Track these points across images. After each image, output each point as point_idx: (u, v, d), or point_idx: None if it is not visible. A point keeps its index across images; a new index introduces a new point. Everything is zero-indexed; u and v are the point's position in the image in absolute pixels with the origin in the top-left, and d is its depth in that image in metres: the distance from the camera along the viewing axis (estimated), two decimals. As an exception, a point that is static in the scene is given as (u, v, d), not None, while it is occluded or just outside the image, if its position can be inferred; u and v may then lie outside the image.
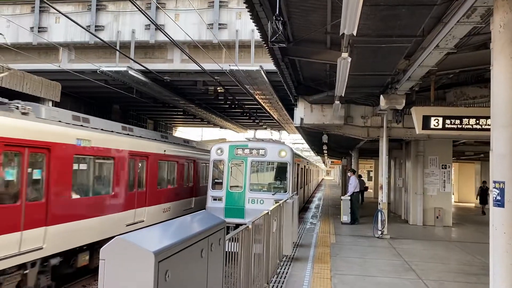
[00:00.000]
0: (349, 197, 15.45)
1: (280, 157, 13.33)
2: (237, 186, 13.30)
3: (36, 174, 8.51)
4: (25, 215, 7.94)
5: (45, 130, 8.67)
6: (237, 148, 13.57)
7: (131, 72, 15.29)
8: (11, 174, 7.90)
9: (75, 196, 9.64)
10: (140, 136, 13.22)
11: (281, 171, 13.57)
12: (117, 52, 15.24)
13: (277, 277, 7.78)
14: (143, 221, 12.64)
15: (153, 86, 17.74)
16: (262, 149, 13.40)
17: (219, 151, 13.64)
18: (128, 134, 12.42)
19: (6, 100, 8.62)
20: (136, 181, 12.47)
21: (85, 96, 23.09)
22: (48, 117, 9.13)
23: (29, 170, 8.22)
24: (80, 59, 16.24)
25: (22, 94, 11.88)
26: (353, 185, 15.87)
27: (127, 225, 11.83)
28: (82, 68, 16.30)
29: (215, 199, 13.17)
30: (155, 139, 14.46)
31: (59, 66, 15.57)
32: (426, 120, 9.90)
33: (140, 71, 15.76)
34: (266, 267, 6.67)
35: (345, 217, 15.29)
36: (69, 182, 9.40)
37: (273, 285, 7.25)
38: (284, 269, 8.44)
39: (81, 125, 10.19)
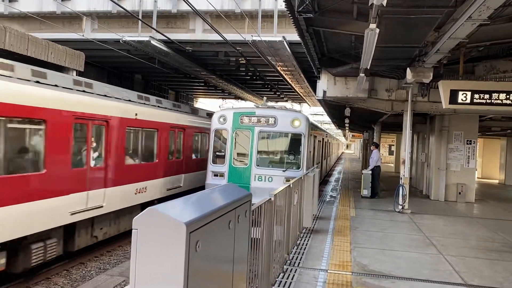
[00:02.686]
0: (370, 171, 15.34)
1: (293, 127, 11.70)
2: (242, 161, 11.84)
3: (98, 143, 9.79)
4: (89, 178, 9.30)
5: (103, 105, 9.88)
6: (243, 116, 11.89)
7: (153, 42, 15.26)
8: (79, 143, 9.12)
9: (127, 162, 10.98)
10: (177, 110, 14.45)
11: (294, 143, 11.95)
12: (140, 22, 15.18)
13: (297, 248, 7.87)
14: (181, 186, 13.93)
15: (175, 57, 17.70)
16: (272, 117, 11.74)
17: (221, 119, 12.02)
18: (166, 108, 13.55)
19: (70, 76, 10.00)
20: (175, 150, 13.69)
21: (108, 66, 23.23)
22: (103, 92, 10.26)
23: (92, 139, 9.47)
24: (103, 29, 16.26)
25: (47, 63, 12.01)
26: (374, 159, 15.73)
27: (167, 189, 13.13)
28: (105, 37, 16.34)
29: (216, 175, 11.76)
30: (187, 112, 15.25)
31: (83, 35, 15.63)
32: (453, 94, 9.64)
33: (162, 41, 15.71)
34: (286, 238, 6.74)
35: (366, 191, 15.22)
36: (123, 150, 10.71)
37: (293, 256, 7.34)
38: (304, 241, 8.52)
39: (129, 100, 11.34)
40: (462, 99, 9.63)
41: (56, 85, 8.64)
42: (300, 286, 5.95)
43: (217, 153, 12.09)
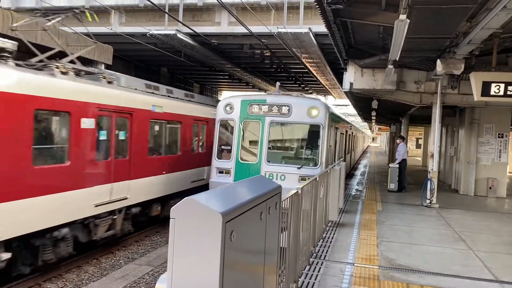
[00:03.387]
0: (397, 165, 15.12)
1: (311, 117, 10.28)
2: (251, 156, 10.60)
3: (122, 135, 10.01)
4: (114, 170, 9.54)
5: (128, 97, 10.03)
6: (252, 104, 10.54)
7: (179, 35, 15.38)
8: (103, 135, 9.32)
9: (150, 155, 11.21)
10: (201, 103, 14.53)
11: (311, 136, 10.59)
12: (166, 15, 15.32)
13: (323, 241, 7.86)
14: (204, 179, 14.06)
15: (201, 50, 17.80)
16: (285, 105, 10.36)
17: (227, 108, 10.72)
18: (190, 100, 13.71)
19: (95, 70, 10.17)
20: (198, 143, 13.99)
21: (135, 59, 23.56)
22: (127, 85, 10.37)
23: (116, 132, 9.68)
24: (131, 22, 16.49)
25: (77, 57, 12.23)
26: (401, 152, 15.51)
27: (191, 182, 13.39)
28: (132, 31, 16.57)
29: (221, 172, 10.51)
30: (207, 104, 15.23)
31: (111, 29, 15.89)
32: (486, 87, 9.37)
33: (188, 34, 15.81)
34: (312, 231, 6.74)
35: (392, 185, 15.03)
36: (146, 143, 10.89)
37: (319, 249, 7.33)
38: (330, 234, 8.49)
39: (152, 93, 11.48)
40: (495, 91, 9.35)
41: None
42: (327, 279, 5.94)
43: (222, 146, 10.87)
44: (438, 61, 9.73)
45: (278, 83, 11.96)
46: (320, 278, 5.93)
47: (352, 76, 12.86)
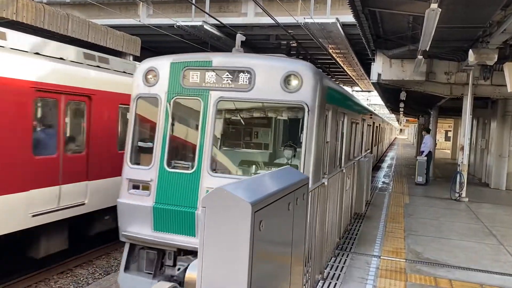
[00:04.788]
0: (425, 158, 14.88)
1: (288, 91, 6.04)
2: (184, 161, 6.46)
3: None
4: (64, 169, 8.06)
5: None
6: (189, 69, 6.39)
7: (206, 26, 15.43)
8: (44, 123, 8.09)
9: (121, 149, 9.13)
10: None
11: (290, 126, 6.89)
12: (193, 7, 15.38)
13: (348, 233, 7.83)
14: None
15: (227, 41, 17.81)
16: (243, 71, 6.18)
17: (149, 77, 6.59)
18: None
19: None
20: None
21: (162, 50, 23.82)
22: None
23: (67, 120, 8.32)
24: (158, 14, 16.65)
25: (105, 48, 12.49)
26: (427, 145, 15.36)
27: None
28: (160, 23, 16.72)
29: (136, 187, 6.46)
30: None
31: (139, 21, 16.10)
32: (520, 77, 9.06)
33: (215, 26, 15.84)
34: (338, 223, 6.72)
35: (420, 178, 14.85)
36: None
37: (345, 241, 7.31)
38: (356, 226, 8.44)
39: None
40: (529, 82, 9.04)
41: None
42: (352, 271, 5.93)
43: (140, 143, 6.80)
44: (470, 51, 9.43)
45: (238, 35, 7.33)
46: (345, 270, 5.93)
47: (380, 67, 12.63)
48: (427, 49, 8.66)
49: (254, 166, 6.63)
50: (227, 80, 6.23)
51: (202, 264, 1.69)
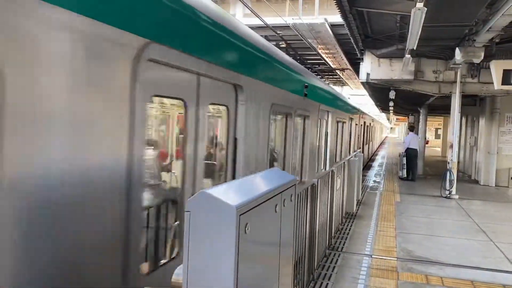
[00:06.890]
0: (404, 153, 15.71)
1: None
2: None
3: None
4: None
5: None
6: None
7: (194, 28, 15.41)
8: None
9: None
10: None
11: None
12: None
13: (340, 233, 7.84)
14: None
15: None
16: None
17: None
18: None
19: None
20: None
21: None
22: None
23: None
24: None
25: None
26: (407, 142, 16.12)
27: None
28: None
29: None
30: None
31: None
32: (507, 75, 9.17)
33: (204, 27, 15.82)
34: (329, 223, 6.72)
35: (400, 172, 15.87)
36: None
37: (336, 241, 7.32)
38: (347, 226, 8.46)
39: None
40: (516, 80, 9.14)
41: None
42: (344, 270, 5.94)
43: None
44: (457, 50, 9.54)
45: None
46: (337, 270, 5.93)
47: (369, 66, 12.70)
48: (415, 48, 8.73)
49: None
50: None
51: (188, 270, 1.68)
